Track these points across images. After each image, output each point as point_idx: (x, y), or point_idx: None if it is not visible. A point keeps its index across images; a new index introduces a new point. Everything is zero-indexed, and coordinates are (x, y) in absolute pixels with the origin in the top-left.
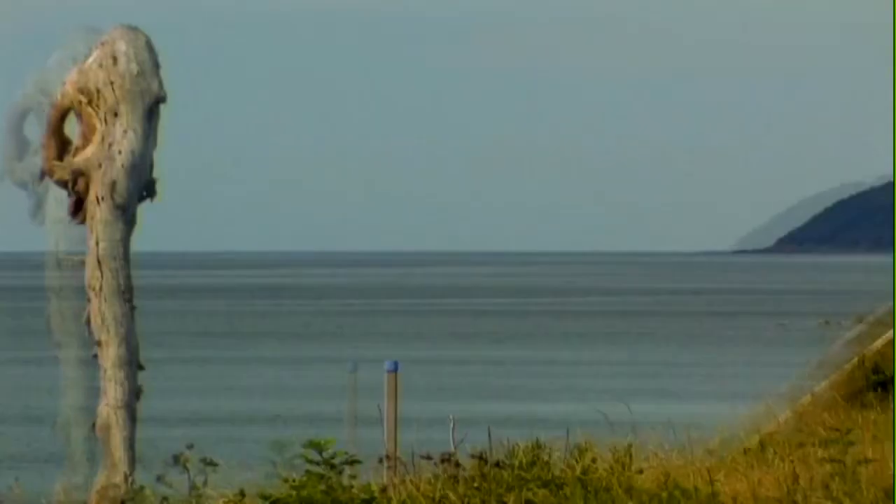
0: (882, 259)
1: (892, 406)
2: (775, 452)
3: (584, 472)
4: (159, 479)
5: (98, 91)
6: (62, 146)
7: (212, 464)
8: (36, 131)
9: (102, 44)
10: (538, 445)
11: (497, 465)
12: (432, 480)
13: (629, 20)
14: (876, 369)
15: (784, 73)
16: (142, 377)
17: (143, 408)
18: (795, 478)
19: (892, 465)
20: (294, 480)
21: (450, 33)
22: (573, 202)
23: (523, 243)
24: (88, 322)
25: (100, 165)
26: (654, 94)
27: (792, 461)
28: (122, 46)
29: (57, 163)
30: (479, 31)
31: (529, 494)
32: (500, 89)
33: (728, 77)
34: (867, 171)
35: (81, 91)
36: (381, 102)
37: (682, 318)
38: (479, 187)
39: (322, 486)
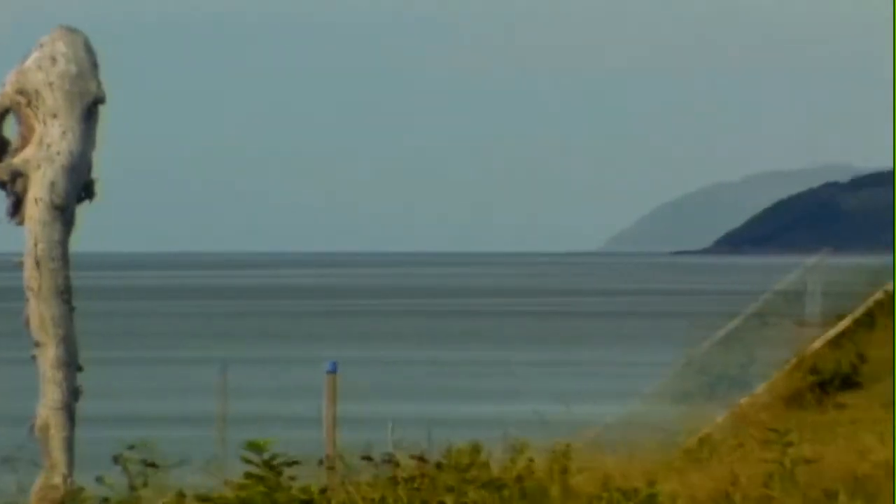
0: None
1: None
2: (714, 453)
3: (523, 473)
4: (99, 479)
5: (37, 92)
6: (1, 147)
7: (152, 465)
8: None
9: (41, 45)
10: (477, 446)
11: (436, 466)
12: (372, 482)
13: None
14: (814, 370)
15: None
16: (81, 378)
17: (83, 409)
18: (734, 478)
19: (831, 465)
20: (233, 482)
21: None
22: (428, 205)
23: (412, 244)
24: (27, 323)
25: (38, 166)
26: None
27: (731, 462)
28: (60, 47)
29: None
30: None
31: (468, 495)
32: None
33: (586, 75)
34: (733, 172)
35: (20, 92)
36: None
37: (619, 319)
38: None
39: (262, 488)
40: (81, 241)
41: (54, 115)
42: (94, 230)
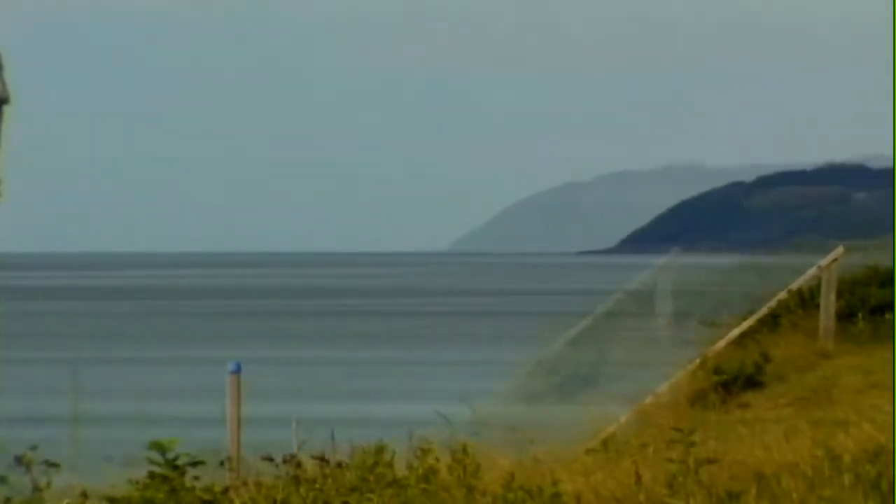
0: (713, 260)
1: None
2: (618, 452)
3: (426, 473)
4: (2, 480)
5: None
6: None
7: (55, 465)
8: None
9: None
10: (380, 446)
11: (339, 466)
12: (275, 482)
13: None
14: (718, 370)
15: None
16: None
17: None
18: (638, 478)
19: (735, 464)
20: (137, 481)
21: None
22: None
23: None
24: None
25: None
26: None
27: (634, 461)
28: None
29: None
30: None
31: (372, 496)
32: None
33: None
34: (585, 172)
35: None
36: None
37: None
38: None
39: (165, 488)
40: None
41: None
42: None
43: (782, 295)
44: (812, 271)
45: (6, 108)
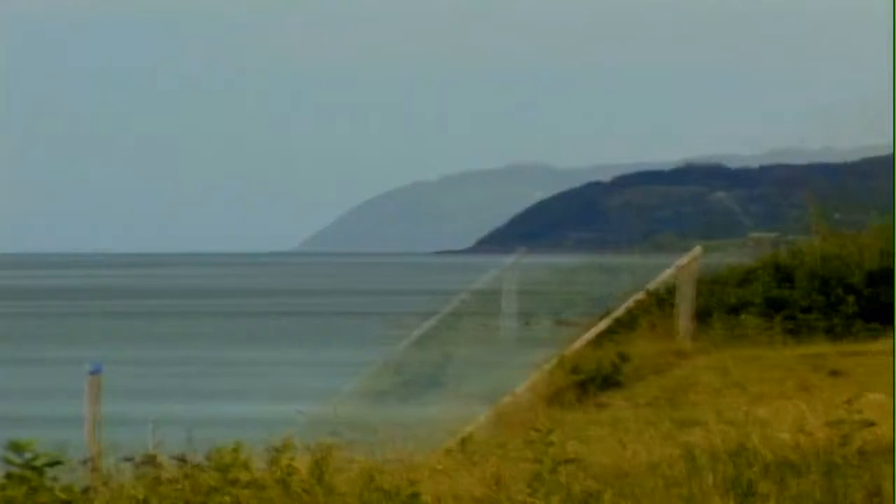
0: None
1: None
2: (477, 452)
3: (285, 473)
4: None
5: None
6: None
7: None
8: None
9: None
10: (239, 446)
11: (198, 466)
12: (134, 482)
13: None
14: (575, 370)
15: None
16: None
17: None
18: (498, 478)
19: (594, 464)
20: None
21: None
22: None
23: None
24: None
25: None
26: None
27: (494, 461)
28: None
29: None
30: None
31: (231, 496)
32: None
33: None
34: (431, 171)
35: None
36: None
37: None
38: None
39: (24, 488)
40: None
41: None
42: None
43: (640, 295)
44: (670, 271)
45: None
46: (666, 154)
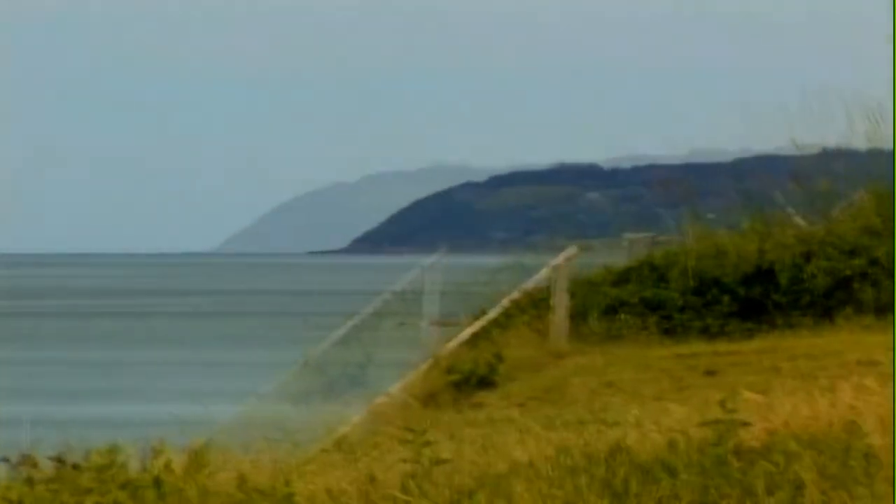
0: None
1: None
2: (352, 452)
3: (160, 474)
4: None
5: None
6: None
7: None
8: None
9: None
10: (114, 447)
11: (74, 467)
12: (9, 483)
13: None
14: (451, 370)
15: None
16: None
17: None
18: (372, 478)
19: (469, 464)
20: None
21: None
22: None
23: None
24: None
25: None
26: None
27: (368, 461)
28: None
29: None
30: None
31: (106, 497)
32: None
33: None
34: (350, 172)
35: None
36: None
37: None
38: None
39: None
40: None
41: None
42: None
43: (515, 295)
44: (545, 271)
45: None
46: (541, 154)
